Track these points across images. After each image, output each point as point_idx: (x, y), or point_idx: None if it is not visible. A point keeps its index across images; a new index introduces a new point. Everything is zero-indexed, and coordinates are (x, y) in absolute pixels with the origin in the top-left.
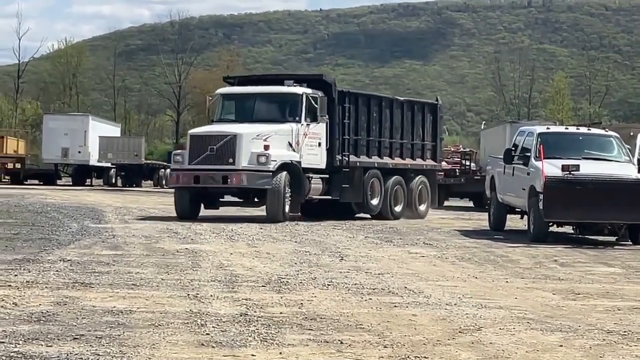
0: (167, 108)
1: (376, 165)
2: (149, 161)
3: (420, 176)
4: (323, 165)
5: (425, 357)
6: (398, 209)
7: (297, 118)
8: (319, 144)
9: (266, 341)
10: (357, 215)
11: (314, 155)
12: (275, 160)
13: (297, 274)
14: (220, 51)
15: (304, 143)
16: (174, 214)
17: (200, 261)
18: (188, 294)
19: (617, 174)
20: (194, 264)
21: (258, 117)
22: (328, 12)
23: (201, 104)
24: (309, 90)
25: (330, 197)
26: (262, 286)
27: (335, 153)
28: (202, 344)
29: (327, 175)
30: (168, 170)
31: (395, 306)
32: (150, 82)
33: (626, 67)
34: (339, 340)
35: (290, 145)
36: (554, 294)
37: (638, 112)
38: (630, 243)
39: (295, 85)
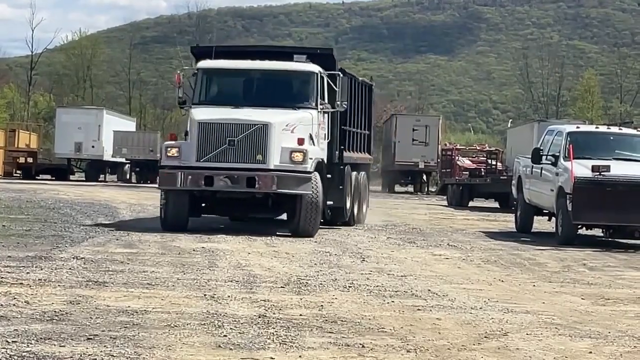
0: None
1: (351, 161)
2: None
3: (363, 172)
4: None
5: None
6: (357, 211)
7: (313, 103)
8: (324, 136)
9: (285, 344)
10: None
11: (322, 151)
12: (312, 159)
13: (317, 275)
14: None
15: (318, 136)
16: None
17: (217, 260)
18: (205, 294)
19: None
20: (211, 264)
21: (259, 101)
22: (350, 5)
23: None
24: (317, 68)
25: (332, 202)
26: (281, 287)
27: (335, 147)
28: (219, 346)
29: (330, 175)
30: None
31: (418, 309)
32: (167, 76)
33: None
34: (360, 344)
35: (312, 138)
36: (582, 298)
37: None
38: None
39: (307, 62)
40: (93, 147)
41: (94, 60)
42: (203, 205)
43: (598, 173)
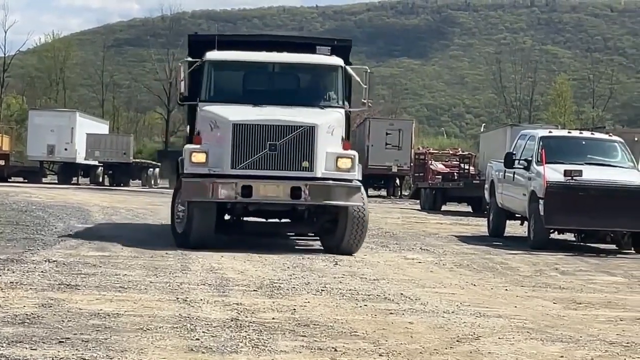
0: (156, 105)
1: None
2: (137, 160)
3: None
4: None
5: None
6: None
7: (340, 102)
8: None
9: (258, 347)
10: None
11: None
12: (359, 166)
13: (290, 279)
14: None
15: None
16: (164, 215)
17: (190, 264)
18: (177, 298)
19: (620, 180)
20: (184, 267)
21: (279, 98)
22: (324, 9)
23: None
24: (341, 62)
25: None
26: (254, 291)
27: None
28: (192, 349)
29: None
30: (157, 170)
31: (391, 313)
32: (140, 78)
33: (631, 70)
34: (332, 348)
35: (342, 140)
36: (554, 303)
37: None
38: (633, 251)
39: (331, 55)
40: (66, 149)
41: (67, 62)
42: (227, 219)
43: (570, 178)
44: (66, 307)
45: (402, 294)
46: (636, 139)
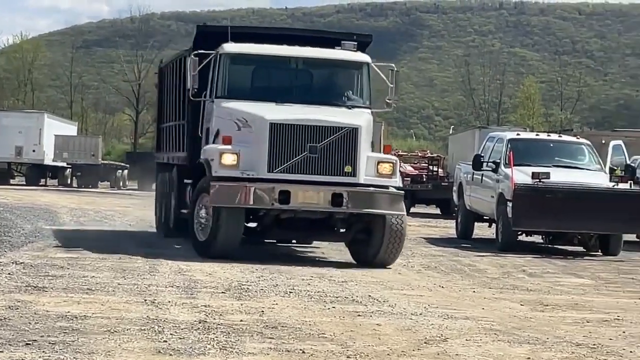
0: (125, 107)
1: None
2: (106, 162)
3: None
4: None
5: None
6: None
7: (367, 101)
8: None
9: (225, 349)
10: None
11: None
12: (399, 171)
13: (258, 281)
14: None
15: None
16: (133, 217)
17: (158, 265)
18: (145, 300)
19: (588, 183)
20: (152, 269)
21: (303, 96)
22: (293, 11)
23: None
24: (368, 58)
25: None
26: (222, 293)
27: None
28: (159, 352)
29: None
30: (126, 172)
31: (359, 315)
32: (109, 80)
33: (598, 72)
34: (300, 350)
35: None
36: (521, 304)
37: (610, 119)
38: (600, 253)
39: (356, 50)
40: (34, 151)
41: (35, 63)
42: (253, 226)
43: (538, 180)
44: (33, 309)
45: (370, 295)
46: (603, 141)
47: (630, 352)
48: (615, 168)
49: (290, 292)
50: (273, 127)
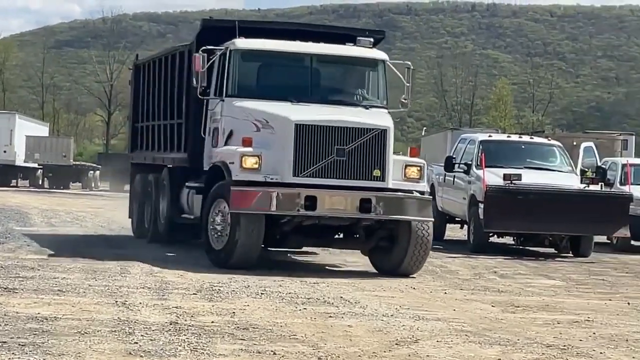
0: (97, 107)
1: None
2: (77, 162)
3: None
4: None
5: None
6: None
7: (384, 101)
8: None
9: (196, 351)
10: None
11: None
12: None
13: (230, 282)
14: (155, 50)
15: None
16: (104, 218)
17: (129, 267)
18: (116, 301)
19: (559, 184)
20: (123, 270)
21: (320, 95)
22: (266, 12)
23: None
24: (385, 56)
25: None
26: (194, 294)
27: None
28: (130, 353)
29: None
30: (98, 173)
31: (330, 316)
32: (81, 80)
33: (570, 74)
34: (271, 351)
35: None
36: (493, 306)
37: (582, 121)
38: (572, 255)
39: (372, 47)
40: (5, 152)
41: (7, 64)
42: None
43: (509, 181)
44: (3, 310)
45: (341, 297)
46: (575, 143)
47: (601, 353)
48: (587, 170)
49: (261, 294)
50: (299, 128)
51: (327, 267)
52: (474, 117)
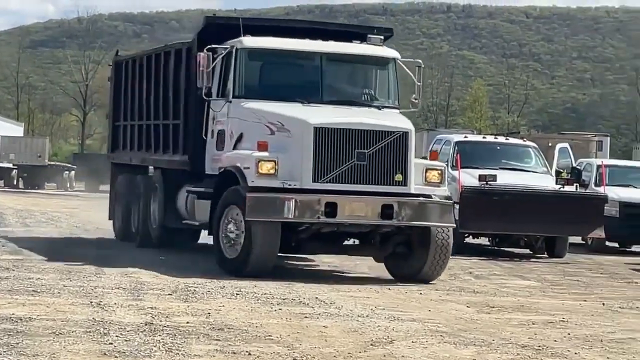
0: (72, 107)
1: None
2: (52, 163)
3: None
4: None
5: None
6: None
7: (396, 101)
8: None
9: (171, 351)
10: None
11: None
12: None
13: (205, 283)
14: (130, 49)
15: None
16: (79, 218)
17: (104, 268)
18: (91, 302)
19: (534, 185)
20: (98, 270)
21: (331, 96)
22: (242, 12)
23: (106, 105)
24: (397, 54)
25: None
26: (169, 294)
27: None
28: (105, 354)
29: None
30: (73, 173)
31: (305, 317)
32: (56, 80)
33: (545, 76)
34: (246, 352)
35: None
36: (468, 306)
37: (557, 122)
38: (547, 256)
39: (383, 45)
40: None
41: None
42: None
43: (485, 182)
44: None
45: (317, 297)
46: (550, 144)
47: (575, 353)
48: (562, 171)
49: (237, 294)
50: (318, 132)
51: (302, 268)
52: (450, 118)
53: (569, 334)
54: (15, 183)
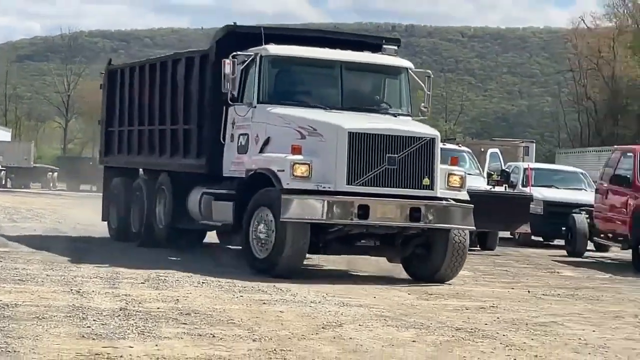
0: (56, 115)
1: None
2: (37, 164)
3: None
4: None
5: (290, 350)
6: None
7: (408, 109)
8: None
9: (143, 334)
10: None
11: None
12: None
13: (175, 272)
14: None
15: None
16: (62, 215)
17: (83, 259)
18: (71, 289)
19: (468, 186)
20: (78, 261)
21: (350, 103)
22: (208, 31)
23: (86, 113)
24: (410, 64)
25: None
26: (142, 283)
27: None
28: (83, 336)
29: None
30: (56, 174)
31: (264, 303)
32: (41, 91)
33: (479, 88)
34: (211, 334)
35: None
36: (409, 294)
37: (489, 129)
38: (479, 248)
39: (397, 55)
40: None
41: None
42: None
43: None
44: None
45: (274, 286)
46: (482, 149)
47: (504, 335)
48: (493, 173)
49: (203, 283)
50: (352, 136)
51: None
52: None
53: (498, 318)
54: (3, 183)
